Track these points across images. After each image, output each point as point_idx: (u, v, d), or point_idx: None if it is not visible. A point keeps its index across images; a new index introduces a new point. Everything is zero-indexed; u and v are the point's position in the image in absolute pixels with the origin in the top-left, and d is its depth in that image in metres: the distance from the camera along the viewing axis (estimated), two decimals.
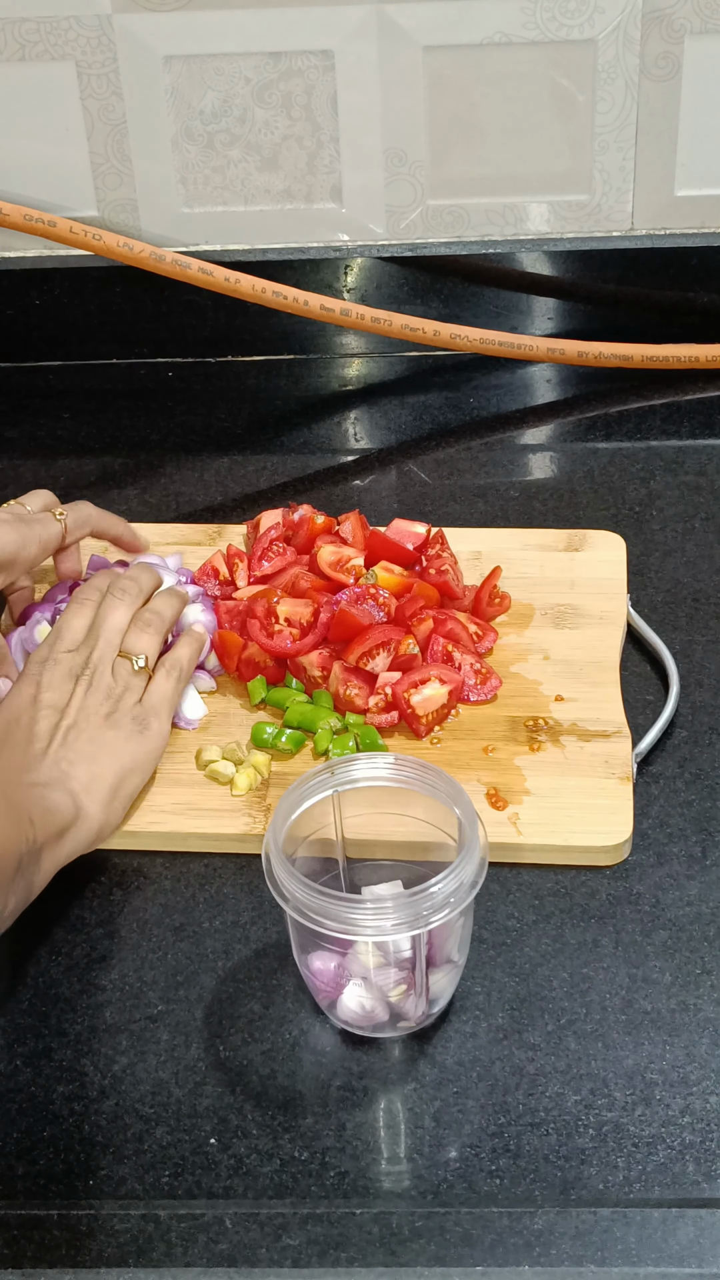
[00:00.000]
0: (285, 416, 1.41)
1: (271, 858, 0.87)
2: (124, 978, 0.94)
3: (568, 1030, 0.90)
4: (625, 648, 1.13)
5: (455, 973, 0.91)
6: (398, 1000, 0.89)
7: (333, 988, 0.89)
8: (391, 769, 0.92)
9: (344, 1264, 0.80)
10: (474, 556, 1.19)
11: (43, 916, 0.97)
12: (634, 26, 1.30)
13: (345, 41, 1.31)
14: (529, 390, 1.42)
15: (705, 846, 1.00)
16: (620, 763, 1.04)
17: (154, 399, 1.43)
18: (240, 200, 1.40)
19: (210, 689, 1.11)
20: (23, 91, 1.34)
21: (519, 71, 1.32)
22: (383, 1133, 0.86)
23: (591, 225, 1.40)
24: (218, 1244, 0.81)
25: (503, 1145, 0.85)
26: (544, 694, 1.09)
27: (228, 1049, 0.90)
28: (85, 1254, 0.81)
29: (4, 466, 1.36)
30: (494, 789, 1.02)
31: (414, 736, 1.06)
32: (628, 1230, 0.80)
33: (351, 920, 0.85)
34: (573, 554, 1.19)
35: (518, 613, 1.15)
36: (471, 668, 1.09)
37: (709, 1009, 0.91)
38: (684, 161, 1.36)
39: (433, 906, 0.85)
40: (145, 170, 1.38)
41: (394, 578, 1.12)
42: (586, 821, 1.00)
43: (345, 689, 1.07)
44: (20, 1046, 0.91)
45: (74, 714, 1.01)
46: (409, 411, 1.40)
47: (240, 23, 1.30)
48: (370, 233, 1.41)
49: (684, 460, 1.32)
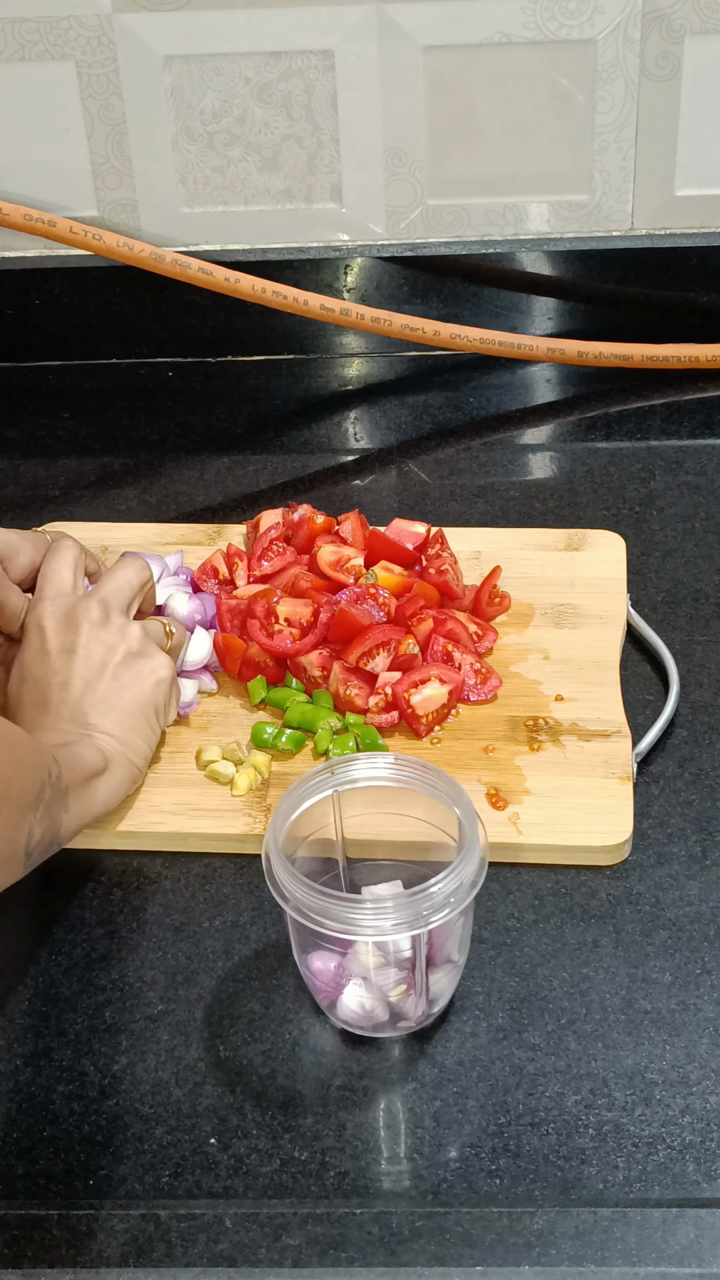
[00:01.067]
0: (285, 416, 1.41)
1: (271, 858, 0.87)
2: (124, 978, 0.94)
3: (568, 1030, 0.90)
4: (625, 648, 1.13)
5: (455, 973, 0.91)
6: (398, 1000, 0.89)
7: (333, 988, 0.89)
8: (391, 769, 0.92)
9: (344, 1264, 0.80)
10: (474, 556, 1.19)
11: (43, 916, 0.97)
12: (634, 26, 1.30)
13: (345, 41, 1.31)
14: (529, 390, 1.42)
15: (705, 846, 1.00)
16: (620, 763, 1.04)
17: (154, 399, 1.43)
18: (240, 200, 1.40)
19: (211, 689, 1.11)
20: (23, 91, 1.34)
21: (519, 71, 1.32)
22: (383, 1133, 0.86)
23: (591, 225, 1.40)
24: (218, 1244, 0.81)
25: (503, 1145, 0.85)
26: (544, 694, 1.09)
27: (228, 1049, 0.90)
28: (85, 1254, 0.81)
29: (4, 466, 1.36)
30: (494, 789, 1.02)
31: (414, 736, 1.06)
32: (628, 1230, 0.80)
33: (351, 920, 0.85)
34: (573, 554, 1.19)
35: (518, 612, 1.15)
36: (471, 667, 1.09)
37: (709, 1009, 0.91)
38: (684, 161, 1.36)
39: (433, 906, 0.84)
40: (145, 170, 1.38)
41: (394, 578, 1.12)
42: (586, 821, 1.00)
43: (345, 689, 1.07)
44: (20, 1046, 0.91)
45: (84, 659, 1.00)
46: (409, 411, 1.40)
47: (240, 23, 1.30)
48: (370, 233, 1.41)
49: (684, 460, 1.32)
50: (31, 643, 1.02)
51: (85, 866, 1.00)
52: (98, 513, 1.30)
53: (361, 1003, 0.89)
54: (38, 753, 0.89)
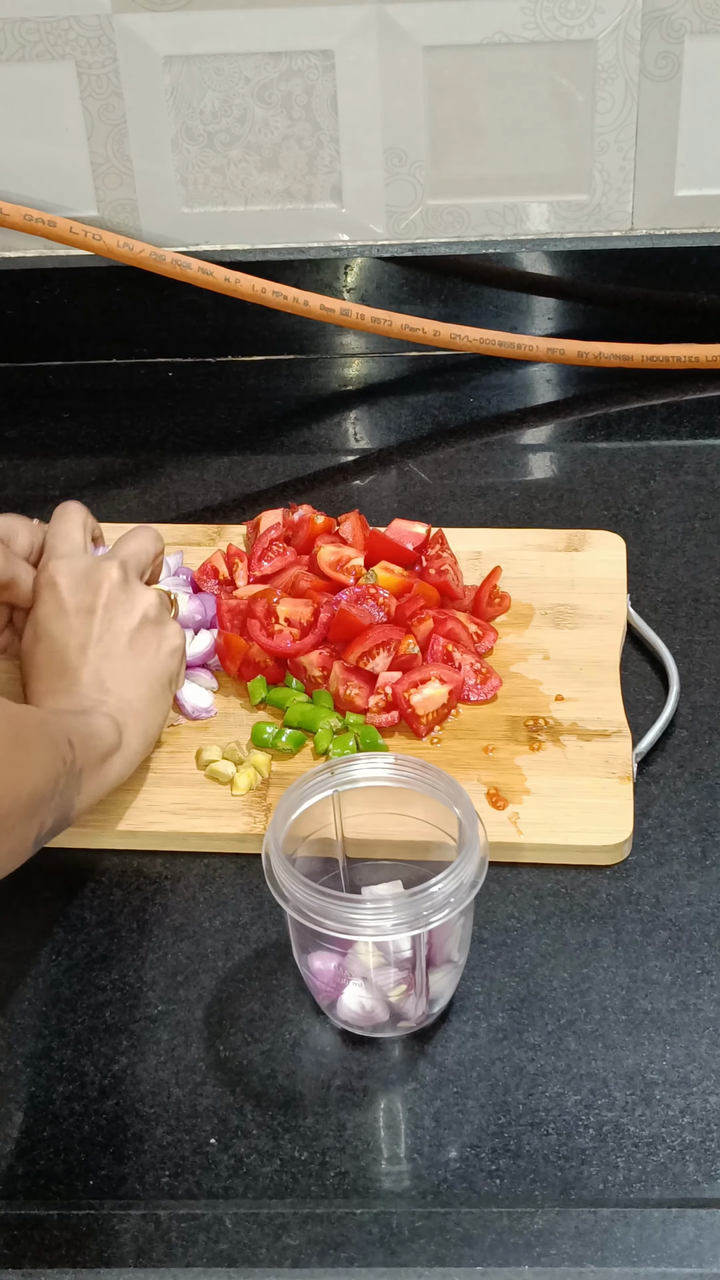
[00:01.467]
0: (285, 416, 1.41)
1: (271, 858, 0.87)
2: (124, 978, 0.94)
3: (568, 1030, 0.90)
4: (625, 648, 1.13)
5: (455, 973, 0.91)
6: (398, 1000, 0.89)
7: (333, 988, 0.89)
8: (391, 769, 0.92)
9: (344, 1264, 0.80)
10: (474, 556, 1.19)
11: (43, 916, 0.97)
12: (634, 26, 1.30)
13: (345, 41, 1.31)
14: (529, 390, 1.42)
15: (705, 846, 1.00)
16: (620, 762, 1.04)
17: (154, 399, 1.43)
18: (240, 200, 1.40)
19: (212, 687, 1.11)
20: (23, 91, 1.34)
21: (519, 71, 1.32)
22: (383, 1133, 0.86)
23: (591, 225, 1.40)
24: (218, 1244, 0.81)
25: (503, 1145, 0.85)
26: (544, 694, 1.09)
27: (228, 1049, 0.90)
28: (85, 1254, 0.81)
29: (4, 466, 1.36)
30: (494, 789, 1.02)
31: (414, 736, 1.06)
32: (628, 1230, 0.80)
33: (351, 920, 0.85)
34: (572, 554, 1.19)
35: (517, 613, 1.15)
36: (472, 667, 1.09)
37: (709, 1009, 0.91)
38: (684, 161, 1.36)
39: (433, 906, 0.85)
40: (145, 170, 1.38)
41: (394, 578, 1.12)
42: (587, 821, 1.00)
43: (345, 689, 1.07)
44: (20, 1046, 0.91)
45: (104, 621, 1.00)
46: (409, 411, 1.40)
47: (240, 23, 1.30)
48: (370, 233, 1.41)
49: (684, 460, 1.32)
50: (46, 603, 1.01)
51: (85, 866, 1.00)
52: (98, 513, 1.29)
53: (361, 1003, 0.89)
54: (52, 746, 0.88)
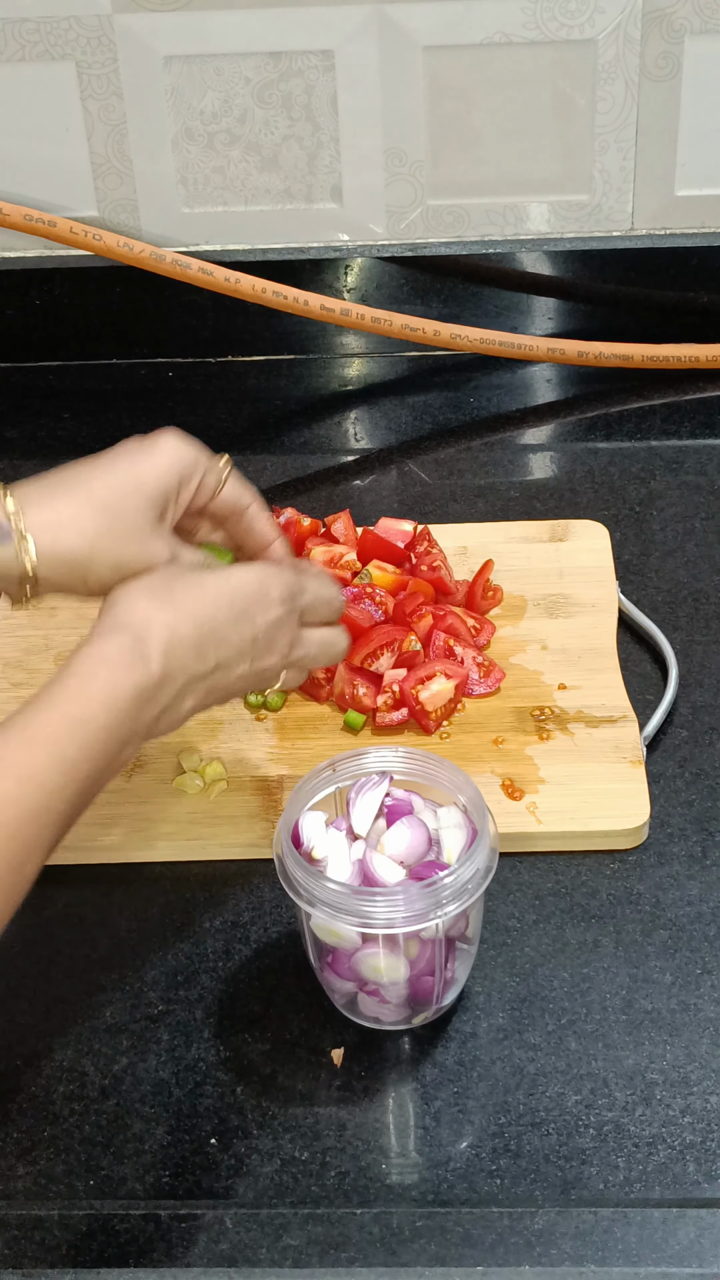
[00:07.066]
0: (285, 416, 1.41)
1: (284, 856, 0.87)
2: (124, 978, 0.94)
3: (568, 1030, 0.90)
4: (620, 635, 1.13)
5: (469, 959, 0.91)
6: (414, 990, 0.89)
7: (350, 983, 0.89)
8: (399, 762, 0.92)
9: (344, 1264, 0.80)
10: (460, 551, 1.19)
11: (43, 916, 0.97)
12: (634, 26, 1.30)
13: (345, 42, 1.31)
14: (529, 390, 1.42)
15: (705, 846, 1.00)
16: (630, 746, 1.04)
17: (154, 399, 1.43)
18: (240, 200, 1.40)
19: None
20: (23, 91, 1.34)
21: (519, 72, 1.32)
22: (383, 1133, 0.86)
23: (591, 225, 1.40)
24: (218, 1244, 0.81)
25: (503, 1145, 0.85)
26: (546, 683, 1.09)
27: (228, 1049, 0.90)
28: (85, 1254, 0.81)
29: (4, 466, 1.36)
30: (509, 780, 1.02)
31: (423, 732, 1.06)
32: (628, 1230, 0.80)
33: (366, 913, 0.85)
34: (557, 544, 1.20)
35: (510, 605, 1.15)
36: (474, 661, 1.09)
37: (709, 1009, 0.91)
38: (684, 161, 1.36)
39: (447, 897, 0.85)
40: (145, 170, 1.38)
41: (389, 576, 1.12)
42: (605, 806, 1.01)
43: (351, 689, 1.07)
44: (20, 1046, 0.91)
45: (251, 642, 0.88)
46: (409, 411, 1.40)
47: (240, 23, 1.30)
48: (370, 233, 1.41)
49: (684, 460, 1.32)
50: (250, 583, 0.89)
51: (85, 866, 1.00)
52: None
53: (380, 995, 0.88)
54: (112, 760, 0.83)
